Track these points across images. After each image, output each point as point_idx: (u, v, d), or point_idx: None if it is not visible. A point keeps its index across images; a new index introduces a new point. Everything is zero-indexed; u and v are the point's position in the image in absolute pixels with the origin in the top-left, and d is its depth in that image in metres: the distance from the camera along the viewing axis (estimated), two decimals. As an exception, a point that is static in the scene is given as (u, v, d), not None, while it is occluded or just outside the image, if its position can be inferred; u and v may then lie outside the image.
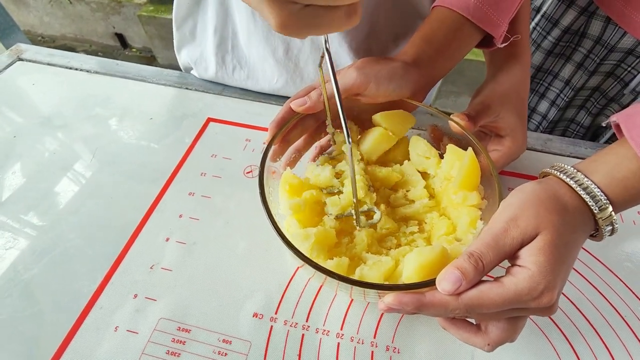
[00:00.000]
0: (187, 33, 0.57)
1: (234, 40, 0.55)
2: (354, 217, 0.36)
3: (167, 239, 0.42)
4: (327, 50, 0.28)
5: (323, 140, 0.44)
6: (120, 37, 2.33)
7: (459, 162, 0.36)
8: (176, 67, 0.64)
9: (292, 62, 0.55)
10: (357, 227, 0.36)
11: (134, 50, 2.38)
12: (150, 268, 0.40)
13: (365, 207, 0.37)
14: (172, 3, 0.55)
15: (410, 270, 0.30)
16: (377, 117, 0.41)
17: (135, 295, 0.38)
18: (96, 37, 2.37)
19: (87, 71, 0.62)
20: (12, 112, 0.55)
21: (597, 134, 0.61)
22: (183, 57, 0.60)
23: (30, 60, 0.63)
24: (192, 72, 0.62)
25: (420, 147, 0.40)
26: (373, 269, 0.32)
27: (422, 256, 0.30)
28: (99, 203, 0.45)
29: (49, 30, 2.43)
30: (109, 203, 0.45)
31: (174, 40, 0.59)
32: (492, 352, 0.29)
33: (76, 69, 0.62)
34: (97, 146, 0.51)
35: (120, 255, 0.41)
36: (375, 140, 0.41)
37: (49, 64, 0.63)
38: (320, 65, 0.35)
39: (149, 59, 2.32)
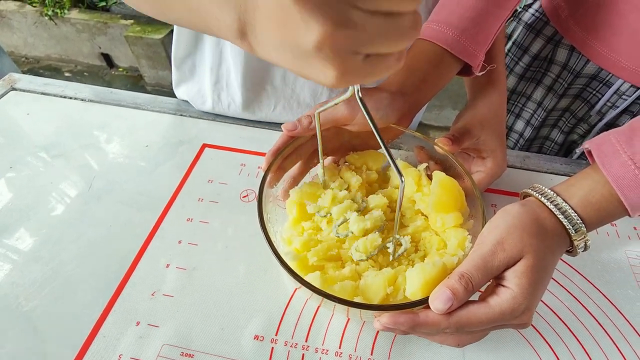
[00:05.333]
0: (186, 71, 0.59)
1: (228, 79, 0.57)
2: (391, 251, 0.36)
3: (168, 265, 0.43)
4: (361, 99, 0.27)
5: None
6: (107, 57, 2.34)
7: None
8: (163, 85, 0.66)
9: (289, 88, 0.57)
10: (391, 259, 0.37)
11: (120, 69, 2.38)
12: (152, 295, 0.41)
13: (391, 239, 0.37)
14: (158, 23, 0.57)
15: (415, 286, 0.32)
16: (351, 159, 0.45)
17: (138, 323, 0.39)
18: (82, 57, 2.37)
19: (82, 100, 0.63)
20: (7, 143, 0.56)
21: (570, 149, 0.66)
22: (181, 93, 0.62)
23: (24, 90, 0.64)
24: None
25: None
26: (377, 277, 0.34)
27: (425, 272, 0.31)
28: (99, 232, 0.46)
29: (34, 51, 2.42)
30: (109, 231, 0.46)
31: (173, 78, 0.61)
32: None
33: (70, 98, 0.63)
34: (94, 175, 0.52)
35: (122, 282, 0.42)
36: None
37: (42, 93, 0.64)
38: (318, 112, 0.36)
39: (136, 78, 2.33)
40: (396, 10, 0.19)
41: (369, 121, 0.27)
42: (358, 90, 0.27)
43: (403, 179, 0.28)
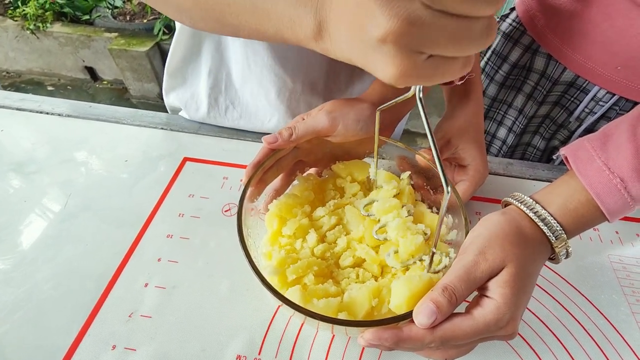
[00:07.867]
0: (179, 78, 0.57)
1: (227, 81, 0.56)
2: (427, 263, 0.34)
3: (146, 285, 0.42)
4: (421, 99, 0.26)
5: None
6: (90, 70, 2.31)
7: None
8: (149, 98, 0.65)
9: (284, 105, 0.56)
10: (426, 271, 0.34)
11: (104, 82, 2.36)
12: (129, 316, 0.39)
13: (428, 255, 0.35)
14: (143, 36, 0.56)
15: (400, 299, 0.31)
16: (336, 168, 0.44)
17: (114, 347, 0.37)
18: (65, 71, 2.34)
19: (59, 115, 0.61)
20: (-21, 160, 0.54)
21: (552, 154, 0.67)
22: (171, 99, 0.60)
23: (-2, 106, 0.62)
24: (180, 113, 0.62)
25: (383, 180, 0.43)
26: (361, 290, 0.33)
27: (411, 284, 0.31)
28: (75, 250, 0.44)
29: (15, 66, 2.38)
30: (85, 250, 0.45)
31: (163, 86, 0.59)
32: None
33: (47, 113, 0.62)
34: (71, 191, 0.51)
35: (97, 304, 0.40)
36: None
37: (18, 109, 0.62)
38: (379, 110, 0.35)
39: (121, 91, 2.31)
40: (469, 14, 0.18)
41: (425, 123, 0.26)
42: (420, 90, 0.26)
43: (449, 188, 0.27)
